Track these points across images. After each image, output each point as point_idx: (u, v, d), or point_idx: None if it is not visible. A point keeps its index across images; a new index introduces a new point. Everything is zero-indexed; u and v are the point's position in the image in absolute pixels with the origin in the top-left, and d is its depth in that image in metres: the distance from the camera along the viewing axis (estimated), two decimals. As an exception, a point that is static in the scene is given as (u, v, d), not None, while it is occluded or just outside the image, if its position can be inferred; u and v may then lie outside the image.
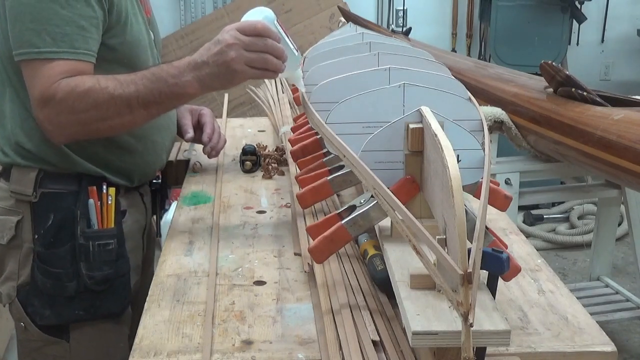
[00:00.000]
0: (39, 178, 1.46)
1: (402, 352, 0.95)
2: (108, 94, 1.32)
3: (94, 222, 1.48)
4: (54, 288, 1.47)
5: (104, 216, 1.49)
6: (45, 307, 1.49)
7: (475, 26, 4.81)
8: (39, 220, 1.47)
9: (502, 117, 2.28)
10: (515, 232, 1.40)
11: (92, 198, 1.47)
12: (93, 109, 1.33)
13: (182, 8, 4.59)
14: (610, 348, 0.99)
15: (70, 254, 1.47)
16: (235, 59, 1.27)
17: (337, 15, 3.87)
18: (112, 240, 1.49)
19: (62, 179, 1.48)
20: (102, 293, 1.49)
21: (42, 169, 1.47)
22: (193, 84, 1.32)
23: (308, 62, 1.58)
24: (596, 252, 2.96)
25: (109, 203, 1.50)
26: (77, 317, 1.50)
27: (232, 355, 0.98)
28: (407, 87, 1.08)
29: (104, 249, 1.47)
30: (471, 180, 1.01)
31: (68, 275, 1.47)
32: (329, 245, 1.02)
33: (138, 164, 1.57)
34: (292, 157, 1.42)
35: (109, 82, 1.33)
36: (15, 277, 1.50)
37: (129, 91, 1.33)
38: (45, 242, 1.47)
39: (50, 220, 1.46)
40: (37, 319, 1.50)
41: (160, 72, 1.34)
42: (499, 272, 0.86)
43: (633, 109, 1.86)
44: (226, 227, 1.43)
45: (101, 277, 1.48)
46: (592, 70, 4.87)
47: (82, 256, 1.46)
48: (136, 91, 1.33)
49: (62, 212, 1.47)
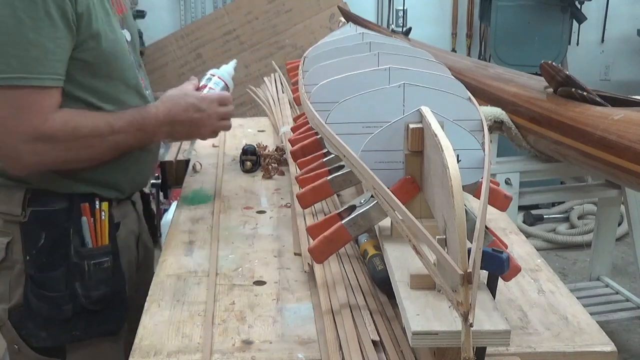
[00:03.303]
0: (26, 197, 1.40)
1: (402, 352, 0.95)
2: (105, 142, 1.38)
3: (87, 241, 1.42)
4: (50, 311, 1.41)
5: (98, 233, 1.44)
6: (41, 329, 1.43)
7: (475, 26, 4.81)
8: (29, 241, 1.41)
9: (502, 117, 2.28)
10: (515, 232, 1.40)
11: (84, 216, 1.41)
12: (85, 151, 1.37)
13: (182, 8, 4.59)
14: (610, 348, 0.99)
15: (64, 275, 1.41)
16: (208, 127, 1.52)
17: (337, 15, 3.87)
18: (107, 258, 1.44)
19: (51, 198, 1.42)
20: (100, 312, 1.45)
21: (29, 189, 1.41)
22: (163, 136, 1.51)
23: (308, 62, 1.58)
24: (596, 252, 2.96)
25: (102, 219, 1.44)
26: (73, 337, 1.45)
27: (232, 355, 0.98)
28: (407, 87, 1.08)
29: (100, 267, 1.43)
30: (471, 180, 1.01)
31: (64, 298, 1.41)
32: (329, 245, 1.02)
33: (128, 176, 1.53)
34: (292, 157, 1.42)
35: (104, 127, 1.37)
36: (7, 299, 1.44)
37: (119, 140, 1.40)
38: (38, 263, 1.41)
39: (42, 239, 1.41)
40: (33, 341, 1.44)
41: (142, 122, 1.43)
42: (499, 272, 0.86)
43: (633, 109, 1.86)
44: (226, 227, 1.43)
45: (97, 297, 1.43)
46: (592, 70, 4.87)
47: (78, 276, 1.41)
48: (124, 140, 1.41)
49: (53, 231, 1.41)
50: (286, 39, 4.30)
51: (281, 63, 2.70)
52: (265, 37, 4.29)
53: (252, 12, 4.30)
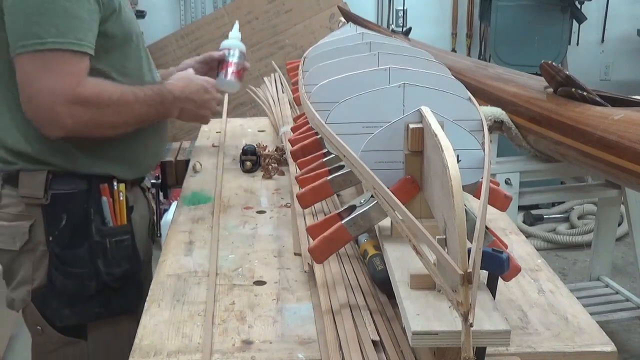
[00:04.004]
0: (48, 179, 1.47)
1: (402, 352, 0.95)
2: (130, 109, 1.45)
3: (108, 220, 1.50)
4: (76, 288, 1.48)
5: (117, 212, 1.52)
6: (65, 307, 1.50)
7: (475, 26, 4.80)
8: (52, 222, 1.47)
9: (502, 117, 2.28)
10: (515, 232, 1.40)
11: (104, 195, 1.50)
12: (114, 117, 1.44)
13: (182, 8, 4.59)
14: (610, 348, 0.99)
15: (88, 252, 1.48)
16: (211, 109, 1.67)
17: (337, 15, 3.87)
18: (127, 236, 1.53)
19: (71, 179, 1.49)
20: (119, 289, 1.52)
21: (50, 171, 1.48)
22: (175, 112, 1.59)
23: (308, 62, 1.58)
24: (596, 252, 2.96)
25: (121, 199, 1.53)
26: (96, 315, 1.52)
27: (232, 355, 0.98)
28: (407, 87, 1.08)
29: (121, 245, 1.51)
30: (471, 180, 1.01)
31: (89, 274, 1.49)
32: (329, 245, 1.02)
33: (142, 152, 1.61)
34: (292, 157, 1.42)
35: (129, 95, 1.45)
36: (30, 281, 1.50)
37: (143, 110, 1.48)
38: (61, 243, 1.48)
39: (63, 220, 1.47)
40: (57, 320, 1.51)
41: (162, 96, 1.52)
42: (499, 272, 0.86)
43: (633, 109, 1.86)
44: (226, 227, 1.43)
45: (120, 274, 1.51)
46: (592, 70, 4.87)
47: (100, 254, 1.49)
48: (147, 112, 1.49)
49: (74, 211, 1.48)
50: (286, 39, 4.30)
51: (281, 63, 2.70)
52: (265, 37, 4.29)
53: (252, 12, 4.30)
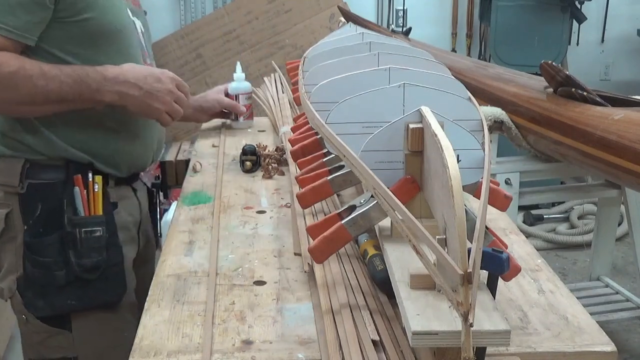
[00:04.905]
0: (25, 168, 1.48)
1: (402, 352, 0.95)
2: (31, 83, 1.35)
3: (79, 210, 1.49)
4: (44, 277, 1.48)
5: (91, 203, 1.51)
6: (38, 298, 1.50)
7: (475, 26, 4.81)
8: (27, 211, 1.49)
9: (502, 117, 2.28)
10: (515, 232, 1.40)
11: (77, 186, 1.49)
12: (12, 92, 1.36)
13: (182, 8, 4.59)
14: (610, 348, 0.99)
15: (58, 242, 1.48)
16: (164, 103, 1.50)
17: (337, 15, 3.86)
18: (100, 228, 1.50)
19: (49, 169, 1.50)
20: (95, 282, 1.51)
21: (28, 159, 1.48)
22: (113, 96, 1.44)
23: (308, 62, 1.58)
24: (596, 252, 2.96)
25: (96, 191, 1.51)
26: (70, 307, 1.51)
27: (232, 355, 0.98)
28: (407, 87, 1.08)
29: (92, 235, 1.49)
30: (471, 180, 1.01)
31: (57, 263, 1.48)
32: (329, 245, 1.02)
33: (126, 152, 1.59)
34: (292, 157, 1.42)
35: (34, 70, 1.35)
36: (14, 269, 1.52)
37: (51, 87, 1.37)
38: (34, 232, 1.48)
39: (38, 210, 1.48)
40: (32, 310, 1.51)
41: (84, 75, 1.40)
42: (499, 272, 0.86)
43: (633, 109, 1.86)
44: (226, 227, 1.43)
45: (91, 265, 1.50)
46: (592, 70, 4.87)
47: (70, 244, 1.48)
48: (58, 88, 1.38)
49: (49, 201, 1.48)
50: (286, 39, 4.29)
51: (281, 63, 2.70)
52: (265, 37, 4.29)
53: (252, 12, 4.30)
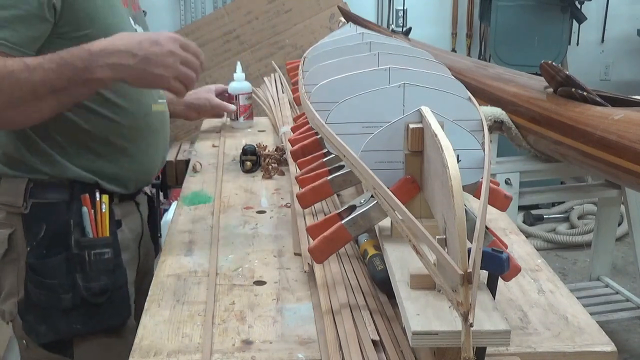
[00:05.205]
0: (28, 188, 1.40)
1: (402, 352, 0.95)
2: (14, 79, 1.21)
3: (88, 231, 1.42)
4: (49, 301, 1.40)
5: (99, 224, 1.44)
6: (40, 322, 1.42)
7: (475, 26, 4.80)
8: (31, 232, 1.41)
9: (502, 117, 2.28)
10: (515, 232, 1.40)
11: (85, 206, 1.42)
12: None
13: (182, 8, 4.59)
14: (610, 348, 0.99)
15: (64, 264, 1.41)
16: (168, 67, 1.26)
17: (337, 15, 3.86)
18: (108, 249, 1.43)
19: (53, 189, 1.42)
20: (100, 306, 1.43)
21: (31, 179, 1.41)
22: (105, 72, 1.24)
23: (308, 62, 1.58)
24: (596, 252, 2.96)
25: (103, 211, 1.44)
26: (75, 331, 1.44)
27: (232, 355, 0.98)
28: (407, 87, 1.08)
29: (100, 258, 1.42)
30: (471, 180, 1.01)
31: (63, 286, 1.40)
32: (329, 245, 1.02)
33: (133, 170, 1.51)
34: (292, 157, 1.42)
35: (15, 65, 1.21)
36: (16, 292, 1.44)
37: (36, 77, 1.22)
38: (37, 253, 1.41)
39: (42, 231, 1.40)
40: (33, 336, 1.43)
41: (69, 56, 1.23)
42: (499, 272, 0.86)
43: (633, 109, 1.86)
44: (226, 227, 1.43)
45: (99, 288, 1.42)
46: (592, 70, 4.87)
47: (78, 267, 1.41)
48: (43, 76, 1.22)
49: (54, 222, 1.41)
50: (286, 39, 4.29)
51: (281, 63, 2.70)
52: (265, 37, 4.29)
53: (252, 12, 4.30)
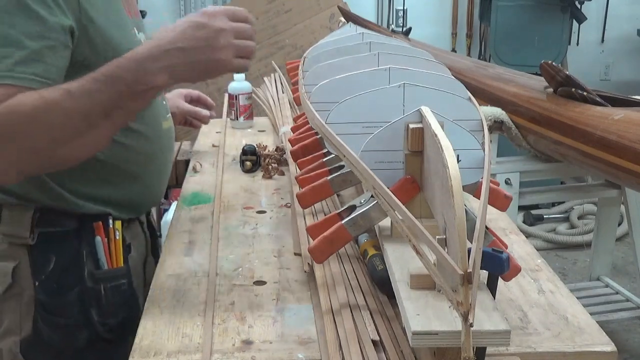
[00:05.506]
0: (35, 217, 1.26)
1: (402, 352, 0.95)
2: (61, 110, 1.05)
3: (102, 262, 1.30)
4: (63, 341, 1.29)
5: (113, 253, 1.32)
6: None
7: (475, 26, 4.81)
8: (38, 265, 1.27)
9: (502, 117, 2.29)
10: (515, 232, 1.40)
11: (99, 235, 1.29)
12: (44, 132, 1.05)
13: (182, 8, 4.59)
14: (610, 348, 0.99)
15: (78, 300, 1.28)
16: (225, 48, 1.09)
17: (337, 15, 3.86)
18: (125, 280, 1.32)
19: (61, 216, 1.28)
20: (114, 341, 1.33)
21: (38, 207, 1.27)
22: (159, 77, 1.07)
23: (308, 62, 1.58)
24: (596, 252, 2.96)
25: (117, 239, 1.32)
26: None
27: (232, 355, 0.98)
28: (407, 87, 1.08)
29: (117, 290, 1.30)
30: (471, 180, 1.01)
31: (78, 325, 1.28)
32: (329, 245, 1.02)
33: (145, 194, 1.41)
34: (292, 157, 1.42)
35: (56, 94, 1.05)
36: (18, 330, 1.29)
37: (84, 102, 1.06)
38: (48, 289, 1.27)
39: (51, 263, 1.27)
40: None
41: (112, 71, 1.07)
42: (499, 272, 0.86)
43: (633, 109, 1.86)
44: (226, 227, 1.43)
45: (116, 324, 1.32)
46: (592, 70, 4.87)
47: (93, 301, 1.29)
48: (92, 100, 1.06)
49: (64, 253, 1.28)
50: (286, 39, 4.29)
51: (281, 63, 2.70)
52: (265, 37, 4.29)
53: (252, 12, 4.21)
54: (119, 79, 1.07)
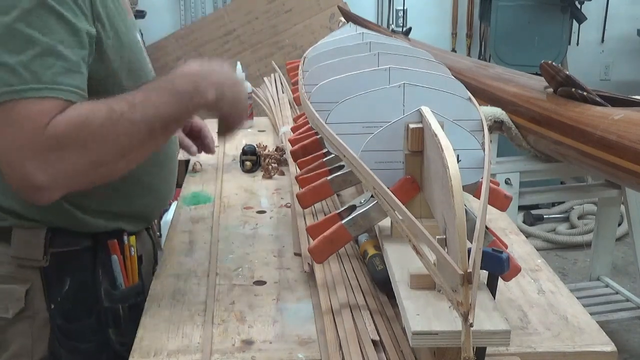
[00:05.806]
0: (47, 238, 1.20)
1: (402, 352, 0.95)
2: (129, 122, 1.03)
3: (120, 282, 1.25)
4: None
5: (129, 271, 1.27)
6: None
7: (475, 26, 4.80)
8: (53, 287, 1.21)
9: (502, 117, 2.28)
10: (515, 232, 1.40)
11: (114, 254, 1.25)
12: (112, 145, 1.04)
13: (182, 8, 4.59)
14: (610, 348, 0.99)
15: (96, 322, 1.24)
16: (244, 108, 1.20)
17: (337, 15, 3.87)
18: (141, 297, 1.26)
19: (73, 236, 1.23)
20: None
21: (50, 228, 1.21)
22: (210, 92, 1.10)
23: (308, 62, 1.58)
24: (596, 252, 2.96)
25: (132, 255, 1.28)
26: None
27: (232, 355, 0.98)
28: (407, 87, 1.08)
29: (135, 308, 1.23)
30: (471, 180, 1.01)
31: (98, 347, 1.25)
32: (329, 245, 1.02)
33: (156, 203, 1.37)
34: (292, 157, 1.42)
35: (123, 106, 1.04)
36: (29, 353, 1.23)
37: (151, 114, 1.05)
38: (65, 312, 1.22)
39: (66, 285, 1.22)
40: None
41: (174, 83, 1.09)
42: (499, 272, 0.86)
43: (633, 109, 1.86)
44: (226, 227, 1.43)
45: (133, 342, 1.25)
46: (592, 70, 4.86)
47: (111, 322, 1.25)
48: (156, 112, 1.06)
49: (79, 274, 1.23)
50: (286, 39, 4.29)
51: (281, 63, 2.70)
52: (265, 37, 4.29)
53: (252, 12, 4.30)
54: (183, 93, 1.08)
